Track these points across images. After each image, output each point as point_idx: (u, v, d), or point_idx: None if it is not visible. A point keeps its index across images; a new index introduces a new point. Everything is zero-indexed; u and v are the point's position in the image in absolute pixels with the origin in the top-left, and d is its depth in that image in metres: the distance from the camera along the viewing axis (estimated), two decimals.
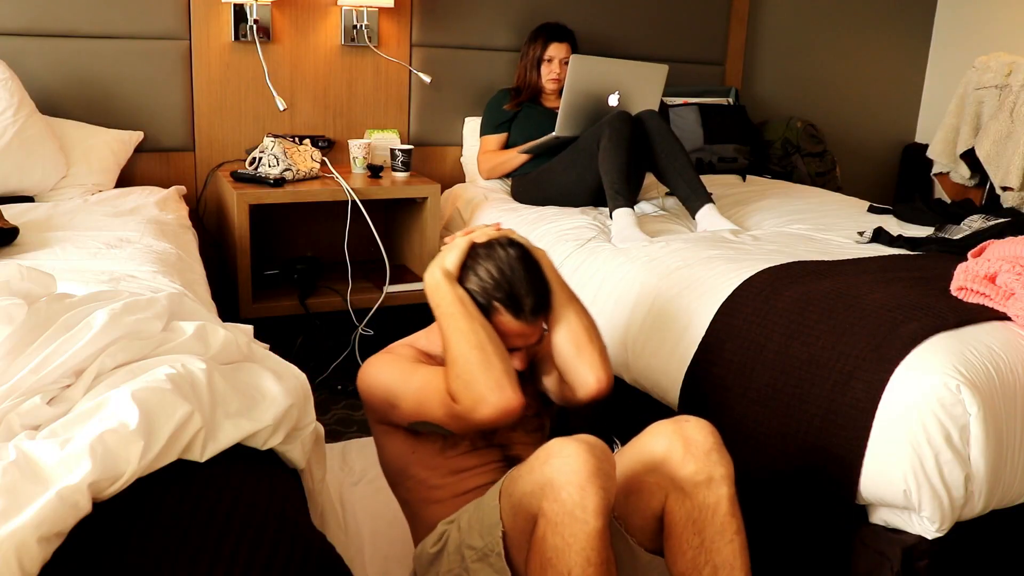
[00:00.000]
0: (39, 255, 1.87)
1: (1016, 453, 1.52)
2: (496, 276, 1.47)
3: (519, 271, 1.47)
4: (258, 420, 1.13)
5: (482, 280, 1.47)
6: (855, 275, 1.89)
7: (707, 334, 1.88)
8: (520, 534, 1.29)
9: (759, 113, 3.89)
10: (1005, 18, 4.04)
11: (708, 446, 1.32)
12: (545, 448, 1.25)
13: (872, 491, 1.53)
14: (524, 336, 1.50)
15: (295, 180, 2.68)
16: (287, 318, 2.68)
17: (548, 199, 2.82)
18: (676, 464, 1.32)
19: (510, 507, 1.30)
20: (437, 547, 1.44)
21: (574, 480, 1.18)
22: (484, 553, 1.32)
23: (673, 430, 1.34)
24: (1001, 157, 3.43)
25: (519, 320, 1.47)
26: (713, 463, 1.32)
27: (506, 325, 1.47)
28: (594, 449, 1.22)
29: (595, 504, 1.18)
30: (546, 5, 3.28)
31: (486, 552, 1.32)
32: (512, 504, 1.29)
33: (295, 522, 1.02)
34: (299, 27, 2.94)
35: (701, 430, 1.34)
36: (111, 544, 0.87)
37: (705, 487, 1.31)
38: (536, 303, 1.48)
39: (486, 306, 1.47)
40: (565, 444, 1.22)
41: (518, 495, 1.28)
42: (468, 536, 1.35)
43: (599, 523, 1.18)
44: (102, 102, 2.73)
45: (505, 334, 1.48)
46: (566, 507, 1.18)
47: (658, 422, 1.39)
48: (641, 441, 1.38)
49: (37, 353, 1.08)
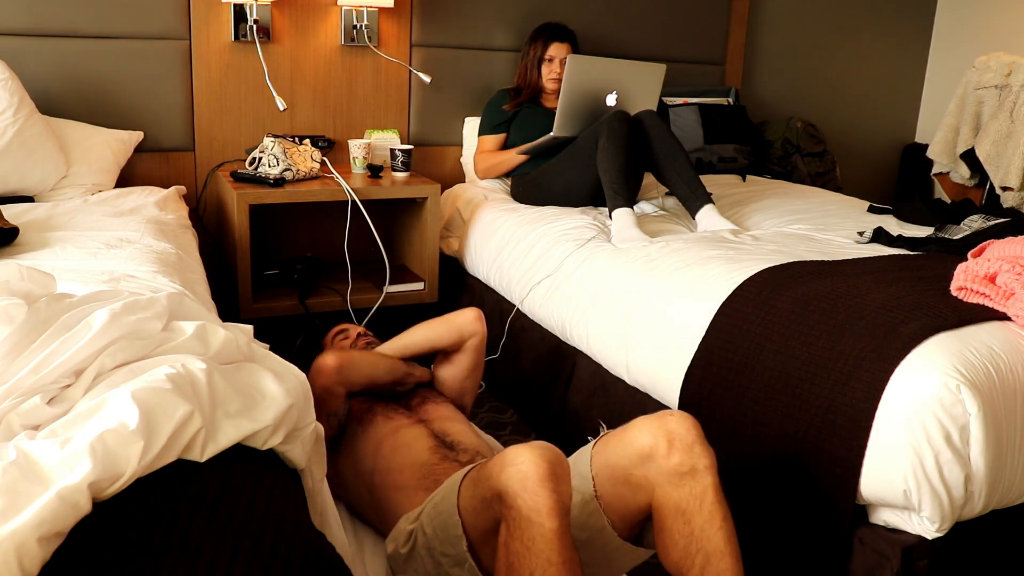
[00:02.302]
0: (39, 255, 1.87)
1: (1016, 453, 1.52)
2: None
3: None
4: (258, 420, 1.13)
5: None
6: (855, 275, 1.89)
7: (707, 334, 1.88)
8: (485, 535, 1.35)
9: (759, 113, 3.89)
10: (1005, 18, 4.04)
11: (691, 439, 1.36)
12: (500, 456, 1.29)
13: (872, 491, 1.53)
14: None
15: (295, 180, 2.68)
16: (287, 318, 2.68)
17: (547, 199, 2.82)
18: (661, 458, 1.35)
19: (472, 509, 1.36)
20: (407, 547, 1.50)
21: (528, 486, 1.23)
22: (459, 560, 1.38)
23: (657, 425, 1.37)
24: (1001, 157, 3.43)
25: None
26: (697, 455, 1.35)
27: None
28: (546, 454, 1.26)
29: (549, 506, 1.22)
30: (546, 5, 3.28)
31: (460, 560, 1.38)
32: (474, 507, 1.35)
33: (295, 522, 1.02)
34: (299, 27, 2.94)
35: (684, 423, 1.37)
36: (111, 544, 0.87)
37: (691, 478, 1.34)
38: None
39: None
40: (519, 452, 1.27)
41: (478, 501, 1.34)
42: (437, 543, 1.42)
43: (555, 523, 1.22)
44: (102, 102, 2.73)
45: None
46: (522, 512, 1.23)
47: (641, 417, 1.41)
48: (626, 435, 1.41)
49: (37, 353, 1.08)
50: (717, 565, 1.31)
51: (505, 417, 2.59)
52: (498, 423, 2.55)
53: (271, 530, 0.95)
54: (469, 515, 1.37)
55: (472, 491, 1.36)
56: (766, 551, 1.69)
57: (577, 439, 1.61)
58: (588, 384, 2.28)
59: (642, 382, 2.06)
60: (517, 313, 2.58)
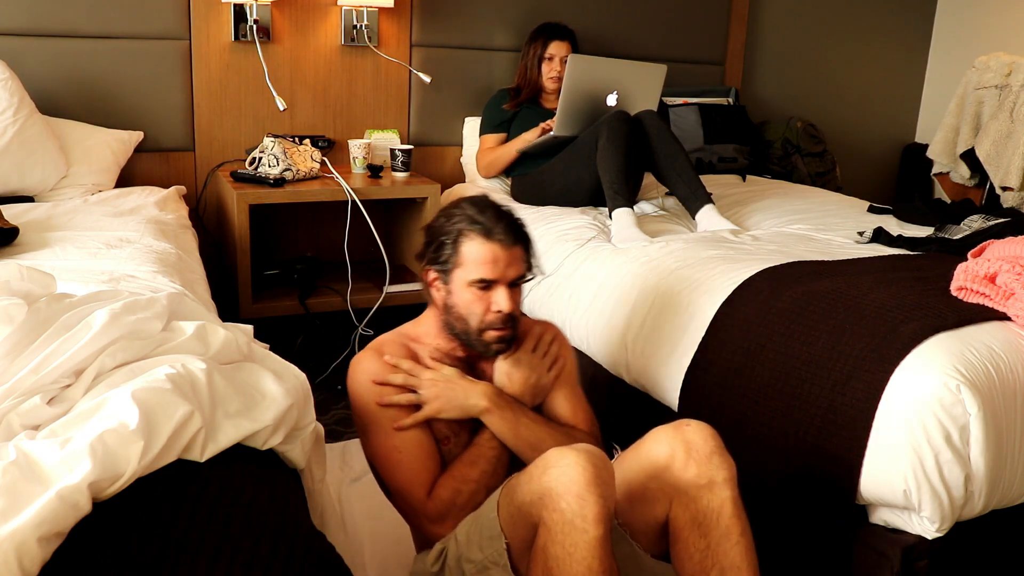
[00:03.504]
0: (39, 255, 1.87)
1: (1016, 453, 1.52)
2: (457, 213, 1.47)
3: (488, 203, 1.48)
4: (258, 420, 1.13)
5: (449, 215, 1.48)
6: (855, 275, 1.89)
7: (707, 334, 1.87)
8: (521, 543, 1.28)
9: (759, 113, 3.89)
10: (1005, 18, 4.04)
11: (709, 450, 1.32)
12: (543, 458, 1.24)
13: (872, 491, 1.53)
14: (503, 265, 1.45)
15: (295, 180, 2.68)
16: (287, 318, 2.68)
17: (547, 199, 2.82)
18: (678, 469, 1.31)
19: (509, 517, 1.29)
20: (437, 565, 1.43)
21: (573, 489, 1.18)
22: (484, 566, 1.32)
23: (674, 435, 1.33)
24: (1001, 157, 3.43)
25: (491, 242, 1.44)
26: (715, 467, 1.31)
27: (478, 253, 1.44)
28: (592, 457, 1.21)
29: (595, 512, 1.17)
30: (546, 5, 3.28)
31: (486, 564, 1.31)
32: (512, 514, 1.29)
33: (295, 522, 1.02)
34: (299, 27, 2.94)
35: (702, 434, 1.33)
36: (111, 544, 0.87)
37: (708, 490, 1.30)
38: (508, 225, 1.46)
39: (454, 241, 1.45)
40: (563, 454, 1.22)
41: (517, 505, 1.27)
42: (467, 550, 1.35)
43: (599, 531, 1.17)
44: (102, 102, 2.73)
45: (479, 264, 1.43)
46: (565, 516, 1.18)
47: (658, 428, 1.37)
48: (642, 447, 1.37)
49: (37, 353, 1.08)
50: None
51: None
52: None
53: (271, 530, 0.95)
54: (507, 521, 1.30)
55: (510, 497, 1.29)
56: (766, 551, 1.68)
57: None
58: (588, 384, 2.28)
59: (642, 382, 2.06)
60: None
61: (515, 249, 1.46)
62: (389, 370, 1.51)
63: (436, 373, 1.50)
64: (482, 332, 1.48)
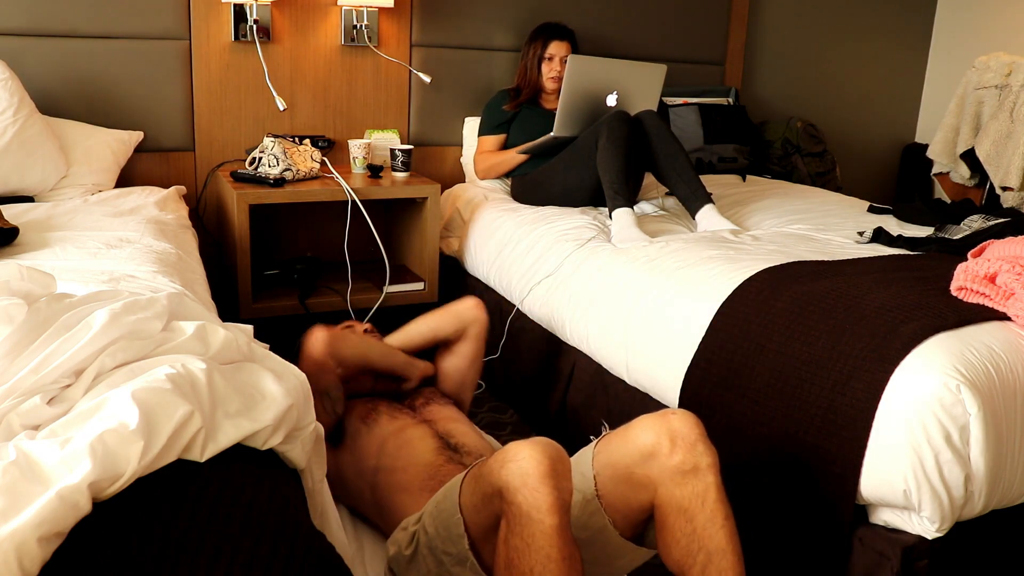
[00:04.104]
0: (39, 255, 1.87)
1: (1016, 453, 1.52)
2: None
3: None
4: (258, 420, 1.13)
5: None
6: (855, 275, 1.89)
7: (707, 334, 1.87)
8: (487, 533, 1.34)
9: (759, 113, 3.89)
10: (1005, 18, 4.04)
11: (694, 437, 1.36)
12: (502, 452, 1.29)
13: (872, 491, 1.53)
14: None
15: (295, 180, 2.68)
16: (287, 318, 2.68)
17: (547, 199, 2.82)
18: (664, 456, 1.35)
19: (472, 509, 1.35)
20: (410, 549, 1.49)
21: (528, 482, 1.23)
22: (461, 558, 1.38)
23: (659, 423, 1.38)
24: (1001, 157, 3.43)
25: None
26: (699, 453, 1.35)
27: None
28: (547, 450, 1.26)
29: (549, 502, 1.22)
30: (546, 5, 3.28)
31: (462, 558, 1.38)
32: (475, 506, 1.35)
33: (295, 522, 1.02)
34: (299, 27, 2.94)
35: (687, 422, 1.37)
36: (111, 544, 0.87)
37: (693, 476, 1.34)
38: None
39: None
40: (520, 448, 1.27)
41: (479, 498, 1.33)
42: (439, 541, 1.41)
43: (555, 520, 1.22)
44: (102, 102, 2.73)
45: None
46: (522, 509, 1.23)
47: (643, 416, 1.41)
48: (628, 434, 1.41)
49: (37, 353, 1.08)
50: (719, 563, 1.32)
51: (505, 417, 2.59)
52: (498, 423, 2.55)
53: (271, 530, 0.95)
54: (470, 513, 1.37)
55: (473, 488, 1.36)
56: (766, 551, 1.69)
57: (577, 439, 1.61)
58: (588, 384, 2.28)
59: (642, 382, 2.06)
60: (517, 313, 2.58)
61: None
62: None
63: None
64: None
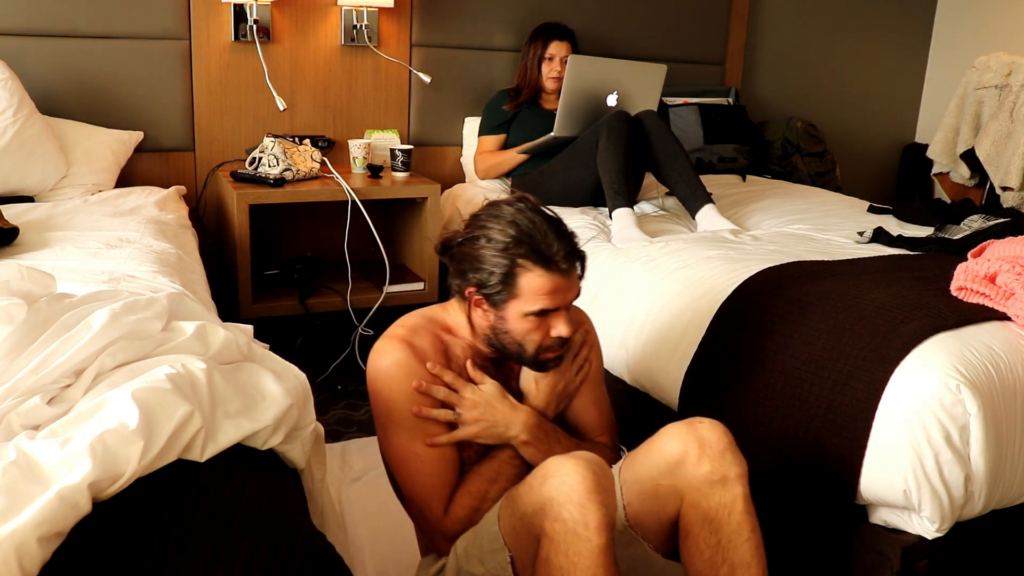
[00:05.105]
0: (39, 255, 1.87)
1: (1016, 453, 1.52)
2: (512, 231, 1.34)
3: (538, 218, 1.36)
4: (258, 420, 1.12)
5: (496, 241, 1.34)
6: (855, 275, 1.89)
7: (707, 334, 1.87)
8: (524, 555, 1.27)
9: (759, 113, 3.89)
10: (1005, 18, 4.04)
11: (722, 446, 1.31)
12: (542, 467, 1.23)
13: (872, 491, 1.53)
14: (562, 293, 1.36)
15: (295, 180, 2.68)
16: (287, 318, 2.68)
17: (547, 199, 2.80)
18: (691, 465, 1.30)
19: (511, 529, 1.28)
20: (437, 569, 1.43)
21: (574, 498, 1.17)
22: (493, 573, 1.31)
23: (687, 432, 1.32)
24: (1001, 157, 3.43)
25: (552, 272, 1.33)
26: (728, 463, 1.30)
27: (538, 286, 1.33)
28: (592, 465, 1.20)
29: (597, 520, 1.16)
30: (546, 5, 3.28)
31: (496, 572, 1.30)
32: (513, 526, 1.27)
33: (295, 522, 1.02)
34: (299, 27, 2.94)
35: (715, 431, 1.32)
36: (111, 544, 0.87)
37: (721, 487, 1.30)
38: (566, 246, 1.36)
39: (508, 271, 1.33)
40: (563, 462, 1.21)
41: (518, 516, 1.26)
42: (466, 563, 1.34)
43: (602, 539, 1.16)
44: (102, 102, 2.73)
45: (539, 296, 1.34)
46: (568, 526, 1.17)
47: (670, 425, 1.36)
48: (654, 444, 1.35)
49: (37, 353, 1.08)
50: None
51: None
52: None
53: (271, 530, 0.95)
54: (508, 536, 1.28)
55: (511, 509, 1.27)
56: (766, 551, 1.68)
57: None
58: None
59: (642, 382, 2.06)
60: None
61: (574, 272, 1.38)
62: (427, 375, 1.41)
63: (478, 393, 1.43)
64: (538, 354, 1.42)
